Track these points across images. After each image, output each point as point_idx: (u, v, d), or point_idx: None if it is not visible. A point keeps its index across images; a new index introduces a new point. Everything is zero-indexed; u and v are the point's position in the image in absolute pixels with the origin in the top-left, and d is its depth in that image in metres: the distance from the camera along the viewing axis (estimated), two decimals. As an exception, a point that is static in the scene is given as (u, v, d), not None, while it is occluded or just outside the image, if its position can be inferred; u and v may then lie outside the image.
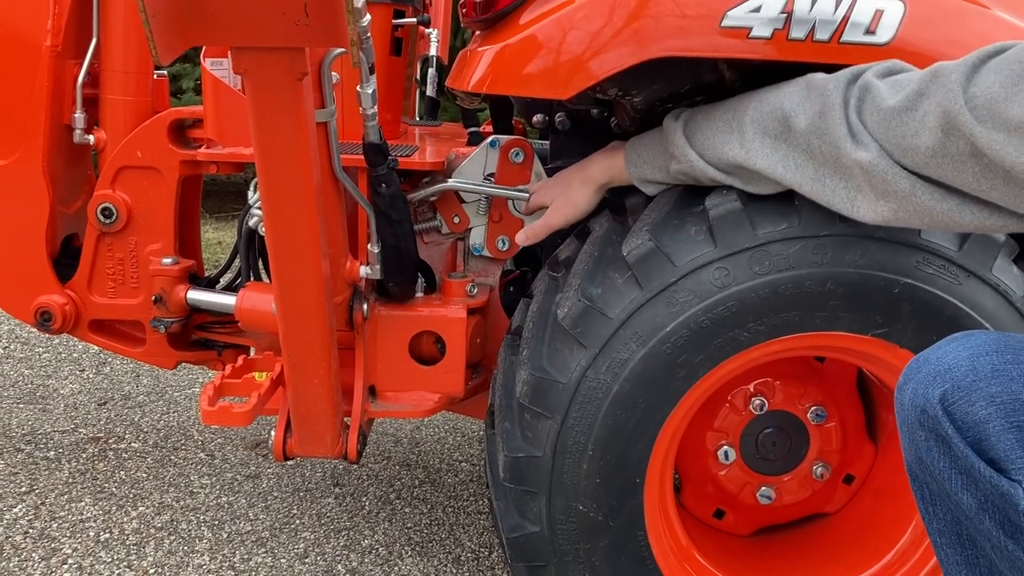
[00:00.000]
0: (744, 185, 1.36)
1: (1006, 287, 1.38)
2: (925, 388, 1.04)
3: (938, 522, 1.10)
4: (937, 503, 1.09)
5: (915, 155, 1.15)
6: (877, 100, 1.19)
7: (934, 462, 1.04)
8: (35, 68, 1.94)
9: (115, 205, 1.98)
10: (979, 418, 0.99)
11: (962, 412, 1.00)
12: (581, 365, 1.40)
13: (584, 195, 1.57)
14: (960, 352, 1.05)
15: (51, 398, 2.92)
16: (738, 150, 1.32)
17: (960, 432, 1.00)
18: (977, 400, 1.00)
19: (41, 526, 2.14)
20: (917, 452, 1.07)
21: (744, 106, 1.34)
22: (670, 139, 1.41)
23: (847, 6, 1.32)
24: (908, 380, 1.08)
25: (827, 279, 1.36)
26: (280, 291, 1.51)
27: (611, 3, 1.34)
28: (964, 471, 1.01)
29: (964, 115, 1.08)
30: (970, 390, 1.01)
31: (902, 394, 1.09)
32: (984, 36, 1.34)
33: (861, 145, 1.20)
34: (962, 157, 1.10)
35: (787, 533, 1.75)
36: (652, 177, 1.49)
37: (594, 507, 1.43)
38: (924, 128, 1.13)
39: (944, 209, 1.16)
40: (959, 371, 1.02)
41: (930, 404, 1.03)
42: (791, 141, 1.28)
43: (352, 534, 2.18)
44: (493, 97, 1.93)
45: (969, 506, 1.01)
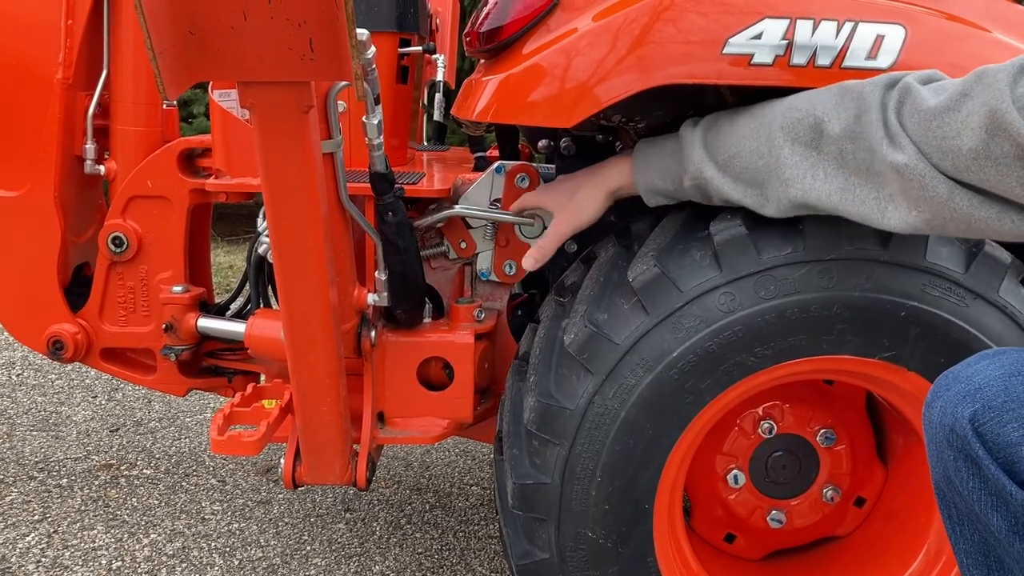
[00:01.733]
0: (761, 202, 1.32)
1: (1014, 309, 1.38)
2: (955, 407, 1.02)
3: (965, 542, 1.08)
4: (965, 523, 1.07)
5: (956, 157, 1.11)
6: (918, 101, 1.15)
7: (963, 482, 1.01)
8: (47, 100, 1.97)
9: (126, 234, 2.00)
10: (1011, 440, 0.97)
11: (993, 433, 0.98)
12: (588, 391, 1.40)
13: (593, 200, 1.51)
14: (992, 371, 1.02)
15: (64, 425, 2.93)
16: (767, 158, 1.28)
17: (991, 453, 0.98)
18: (1009, 421, 0.98)
19: (54, 555, 2.15)
20: (945, 472, 1.04)
21: (772, 113, 1.30)
22: (687, 151, 1.36)
23: (848, 32, 1.33)
24: (937, 397, 1.06)
25: (833, 303, 1.36)
26: (288, 320, 1.52)
27: (615, 31, 1.35)
28: (995, 493, 0.98)
29: (1011, 114, 1.04)
30: (1002, 411, 0.98)
31: (930, 411, 1.06)
32: (985, 59, 1.34)
33: (898, 147, 1.15)
34: (1007, 160, 1.06)
35: (798, 557, 1.74)
36: (660, 187, 1.43)
37: (603, 534, 1.43)
38: (967, 129, 1.09)
39: (983, 216, 1.12)
40: (991, 391, 1.00)
41: (959, 424, 1.00)
42: (823, 148, 1.24)
43: (363, 560, 2.18)
44: (498, 123, 1.94)
45: (999, 528, 0.99)
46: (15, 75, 1.96)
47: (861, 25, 1.33)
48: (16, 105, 1.97)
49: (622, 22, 1.35)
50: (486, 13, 1.45)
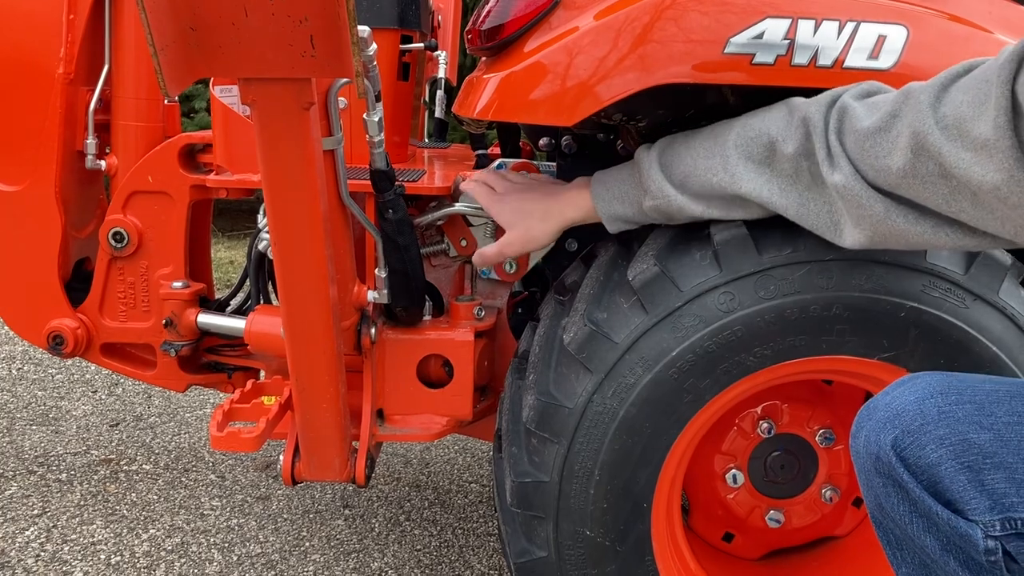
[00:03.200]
0: (725, 214, 1.35)
1: (1014, 310, 1.38)
2: (877, 434, 1.04)
3: (907, 567, 1.10)
4: (903, 548, 1.09)
5: (887, 176, 1.15)
6: (853, 121, 1.19)
7: (893, 508, 1.04)
8: (48, 95, 1.97)
9: (126, 230, 2.00)
10: (931, 461, 0.99)
11: (914, 456, 1.00)
12: (587, 390, 1.40)
13: (544, 231, 1.49)
14: (907, 396, 1.05)
15: (63, 419, 2.93)
16: (722, 175, 1.30)
17: (915, 476, 1.00)
18: (927, 443, 1.00)
19: (53, 549, 2.15)
20: (877, 499, 1.07)
21: (726, 132, 1.32)
22: (645, 173, 1.37)
23: (850, 32, 1.33)
24: (861, 427, 1.09)
25: (833, 303, 1.36)
26: (288, 316, 1.52)
27: (616, 29, 1.35)
28: (923, 514, 1.01)
29: (933, 135, 1.08)
30: (919, 433, 1.01)
31: (856, 442, 1.09)
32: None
33: (836, 168, 1.19)
34: (932, 178, 1.10)
35: (796, 557, 1.74)
36: (621, 213, 1.43)
37: (601, 532, 1.43)
38: (896, 149, 1.13)
39: (919, 231, 1.16)
40: (908, 415, 1.02)
41: (883, 450, 1.03)
42: (776, 166, 1.27)
43: (362, 556, 2.18)
44: (499, 121, 1.94)
45: (933, 549, 1.01)
46: (16, 70, 1.96)
47: (863, 25, 1.33)
48: (17, 100, 1.97)
49: (624, 21, 1.34)
50: (487, 11, 1.45)
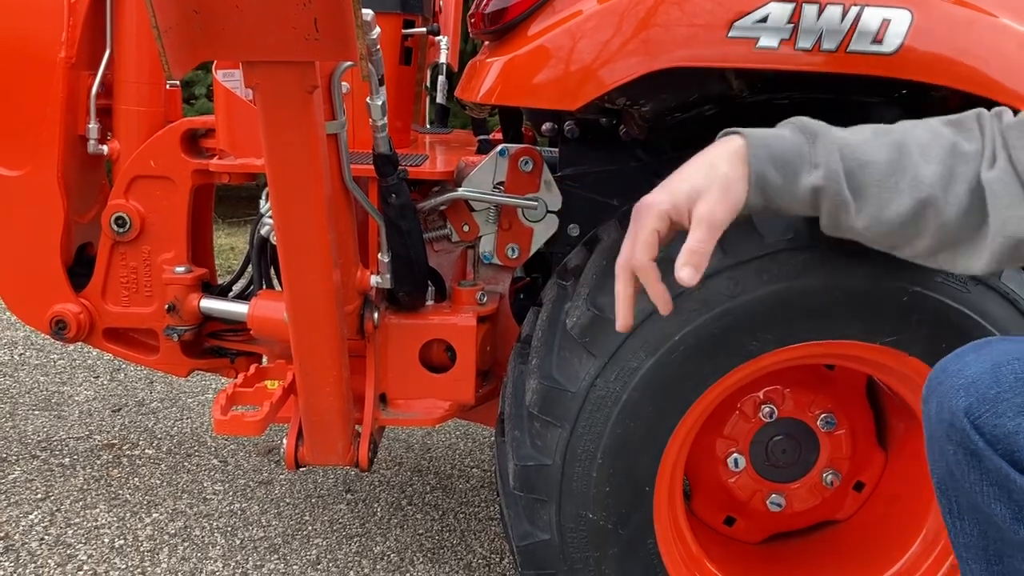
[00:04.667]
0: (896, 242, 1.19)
1: (1016, 295, 1.38)
2: (950, 401, 1.02)
3: (965, 537, 1.09)
4: (965, 517, 1.08)
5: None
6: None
7: (964, 475, 1.02)
8: (49, 80, 1.96)
9: (129, 215, 2.00)
10: (1008, 429, 0.98)
11: (990, 424, 0.99)
12: (590, 374, 1.40)
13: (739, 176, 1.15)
14: (981, 363, 1.03)
15: (66, 404, 2.94)
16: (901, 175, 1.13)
17: (991, 444, 0.99)
18: (1005, 412, 0.98)
19: (57, 532, 2.16)
20: (947, 466, 1.05)
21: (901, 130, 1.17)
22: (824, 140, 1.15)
23: (854, 15, 1.32)
24: (932, 393, 1.06)
25: (836, 288, 1.36)
26: (291, 301, 1.52)
27: (620, 13, 1.34)
28: (997, 483, 1.00)
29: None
30: (996, 401, 0.99)
31: (928, 407, 1.07)
32: (991, 45, 1.35)
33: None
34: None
35: (797, 540, 1.75)
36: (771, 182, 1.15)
37: (604, 515, 1.44)
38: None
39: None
40: (982, 383, 1.01)
41: (956, 418, 1.01)
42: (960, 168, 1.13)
43: (364, 540, 2.19)
44: (502, 105, 1.94)
45: (1003, 517, 1.00)
46: (17, 54, 1.96)
47: (867, 9, 1.32)
48: (18, 85, 1.97)
49: (627, 4, 1.34)
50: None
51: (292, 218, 1.42)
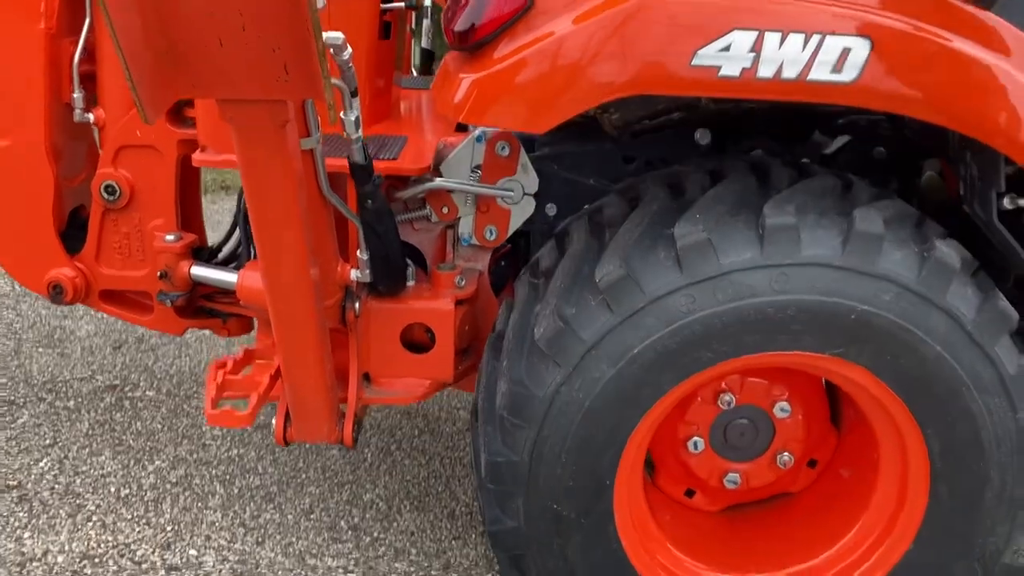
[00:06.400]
0: None
1: (958, 312, 1.45)
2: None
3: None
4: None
5: None
6: None
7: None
8: (31, 50, 1.98)
9: (118, 183, 2.05)
10: None
11: None
12: (556, 381, 1.49)
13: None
14: None
15: (68, 341, 3.05)
16: None
17: None
18: None
19: (66, 481, 2.30)
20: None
21: None
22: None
23: (815, 45, 1.35)
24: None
25: (788, 305, 1.43)
26: (273, 302, 1.60)
27: (585, 39, 1.37)
28: None
29: None
30: None
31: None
32: (948, 72, 1.38)
33: None
34: None
35: (754, 509, 1.88)
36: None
37: (568, 507, 1.56)
38: None
39: None
40: None
41: None
42: None
43: (355, 488, 2.34)
44: None
45: None
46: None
47: (828, 38, 1.35)
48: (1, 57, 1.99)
49: (593, 30, 1.37)
50: (460, 10, 1.46)
51: (270, 233, 1.49)
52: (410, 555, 2.12)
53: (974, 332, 1.46)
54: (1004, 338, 1.49)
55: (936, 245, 1.46)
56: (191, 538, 2.13)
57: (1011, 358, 1.50)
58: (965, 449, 1.53)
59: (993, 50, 1.39)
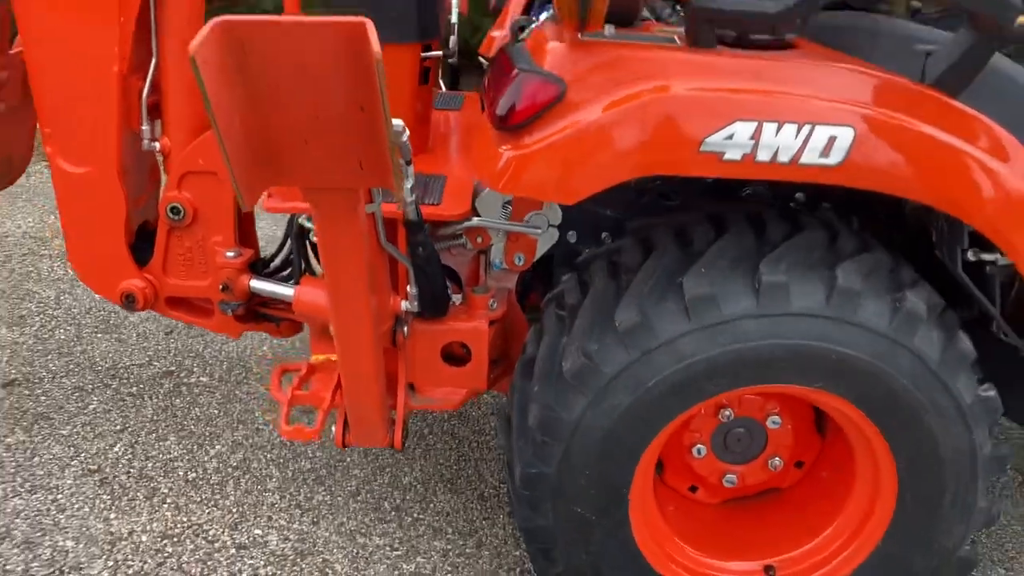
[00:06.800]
0: None
1: (924, 353, 1.71)
2: None
3: None
4: None
5: None
6: None
7: None
8: (107, 90, 2.21)
9: (182, 204, 2.29)
10: None
11: None
12: (581, 407, 1.76)
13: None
14: None
15: (123, 327, 3.32)
16: None
17: None
18: None
19: (139, 466, 2.60)
20: None
21: None
22: None
23: (806, 134, 1.58)
24: None
25: (779, 348, 1.70)
26: (338, 332, 1.87)
27: (610, 128, 1.60)
28: None
29: None
30: None
31: None
32: (917, 154, 1.62)
33: None
34: None
35: (749, 501, 2.16)
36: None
37: (590, 510, 1.84)
38: None
39: None
40: None
41: None
42: None
43: (394, 471, 2.63)
44: None
45: None
46: (77, 70, 2.19)
47: (817, 128, 1.58)
48: (79, 95, 2.21)
49: (615, 120, 1.60)
50: (499, 95, 1.69)
51: (339, 279, 1.74)
52: (446, 534, 2.42)
53: (937, 370, 1.72)
54: (963, 373, 1.75)
55: (907, 296, 1.71)
56: (255, 519, 2.43)
57: (969, 390, 1.76)
58: (927, 463, 1.81)
59: (958, 135, 1.62)
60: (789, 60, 1.66)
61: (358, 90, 1.34)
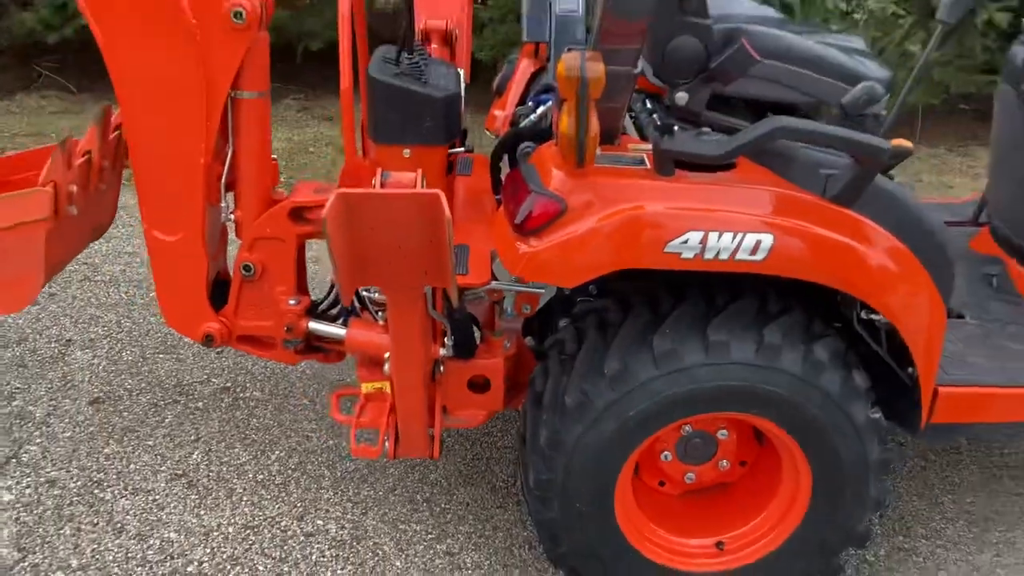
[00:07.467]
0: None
1: (828, 389, 2.36)
2: None
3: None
4: None
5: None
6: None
7: None
8: (194, 174, 2.78)
9: (253, 263, 2.89)
10: None
11: None
12: (579, 431, 2.40)
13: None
14: None
15: (180, 347, 3.91)
16: None
17: None
18: None
19: (216, 470, 3.21)
20: None
21: None
22: None
23: (740, 239, 2.21)
24: None
25: (723, 387, 2.34)
26: (397, 375, 2.49)
27: (598, 233, 2.22)
28: None
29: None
30: None
31: None
32: (822, 250, 2.25)
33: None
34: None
35: (704, 492, 2.82)
36: None
37: (585, 503, 2.49)
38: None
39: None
40: None
41: None
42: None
43: (423, 470, 3.26)
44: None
45: None
46: (174, 162, 2.77)
47: (747, 235, 2.21)
48: (173, 179, 2.79)
49: (604, 228, 2.21)
50: (516, 207, 2.29)
51: (403, 343, 2.37)
52: (468, 520, 3.06)
53: (838, 400, 2.37)
54: (857, 401, 2.41)
55: (814, 347, 2.36)
56: (316, 511, 3.06)
57: (862, 413, 2.42)
58: (831, 467, 2.47)
59: (848, 235, 2.26)
60: (729, 184, 2.28)
61: (429, 234, 1.95)
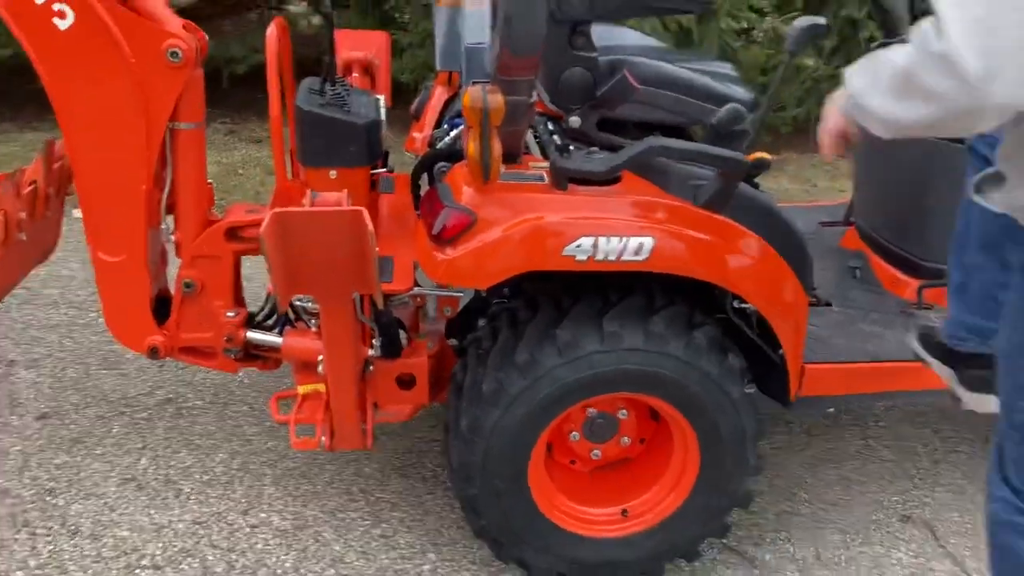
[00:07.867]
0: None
1: (707, 370, 2.74)
2: None
3: None
4: None
5: None
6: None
7: None
8: (137, 201, 3.04)
9: (193, 279, 3.16)
10: None
11: None
12: (496, 416, 2.73)
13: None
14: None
15: (122, 362, 4.12)
16: None
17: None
18: None
19: (164, 473, 3.45)
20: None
21: None
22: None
23: (625, 242, 2.57)
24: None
25: (619, 371, 2.70)
26: (331, 374, 2.78)
27: (505, 241, 2.56)
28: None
29: None
30: None
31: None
32: (695, 250, 2.63)
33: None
34: None
35: (610, 468, 3.18)
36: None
37: (503, 480, 2.81)
38: None
39: None
40: None
41: None
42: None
43: (358, 463, 3.55)
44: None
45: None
46: (117, 189, 3.02)
47: (631, 238, 2.57)
48: (117, 203, 3.04)
49: (510, 236, 2.55)
50: (432, 219, 2.61)
51: (335, 345, 2.66)
52: (401, 507, 3.36)
53: (717, 380, 2.75)
54: (732, 379, 2.79)
55: (695, 335, 2.73)
56: (260, 505, 3.32)
57: (737, 389, 2.80)
58: (714, 439, 2.84)
59: (716, 236, 2.64)
60: (615, 196, 2.64)
61: (355, 246, 2.27)
